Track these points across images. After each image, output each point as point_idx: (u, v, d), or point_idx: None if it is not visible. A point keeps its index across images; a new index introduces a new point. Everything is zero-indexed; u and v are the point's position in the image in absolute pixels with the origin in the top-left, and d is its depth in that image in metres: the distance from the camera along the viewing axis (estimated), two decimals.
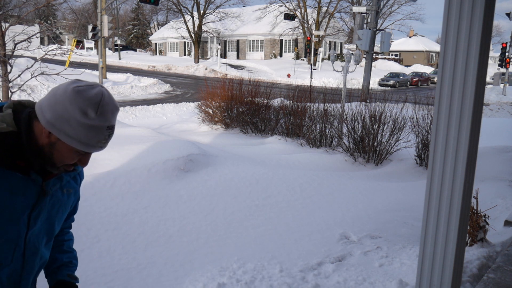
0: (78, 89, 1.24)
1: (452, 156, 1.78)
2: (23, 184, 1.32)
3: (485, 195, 4.56)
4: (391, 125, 8.16)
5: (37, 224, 1.40)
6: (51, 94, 1.28)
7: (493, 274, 3.20)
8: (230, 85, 11.77)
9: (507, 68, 28.32)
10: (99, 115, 1.25)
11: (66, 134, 1.25)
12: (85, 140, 1.26)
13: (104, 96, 1.27)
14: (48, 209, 1.42)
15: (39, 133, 1.29)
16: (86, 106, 1.23)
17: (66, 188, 1.48)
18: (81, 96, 1.24)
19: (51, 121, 1.25)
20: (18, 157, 1.30)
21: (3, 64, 7.19)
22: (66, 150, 1.29)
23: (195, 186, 5.57)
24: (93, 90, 1.26)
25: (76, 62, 19.42)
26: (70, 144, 1.27)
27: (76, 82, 1.29)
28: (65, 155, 1.30)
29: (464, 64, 1.69)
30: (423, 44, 61.56)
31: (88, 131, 1.25)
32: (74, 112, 1.23)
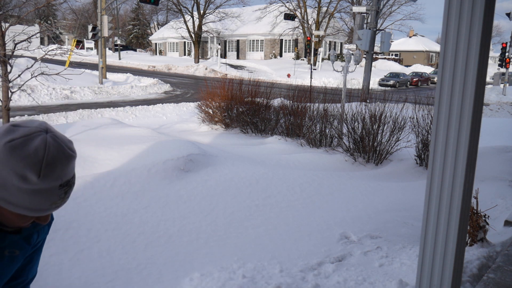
0: (11, 145, 0.95)
1: (452, 156, 1.78)
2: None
3: (485, 195, 4.56)
4: (391, 125, 8.16)
5: None
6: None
7: (493, 274, 3.20)
8: (230, 85, 11.77)
9: (507, 68, 28.32)
10: (44, 177, 0.97)
11: (6, 202, 0.99)
12: (33, 206, 1.00)
13: (49, 149, 0.97)
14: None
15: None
16: (24, 168, 0.95)
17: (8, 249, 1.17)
18: (16, 156, 0.95)
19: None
20: None
21: (3, 64, 7.20)
22: (14, 216, 1.04)
23: (195, 186, 5.57)
24: (32, 144, 0.96)
25: (76, 62, 19.43)
26: (16, 211, 1.01)
27: (10, 132, 0.97)
28: (14, 219, 1.05)
29: (464, 64, 1.69)
30: (423, 44, 61.57)
31: (33, 197, 0.98)
32: (10, 177, 0.96)
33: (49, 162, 0.97)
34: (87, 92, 18.44)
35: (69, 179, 1.03)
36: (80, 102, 17.05)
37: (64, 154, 1.00)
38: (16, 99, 14.35)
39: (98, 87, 19.42)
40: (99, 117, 13.50)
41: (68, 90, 17.60)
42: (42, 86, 16.51)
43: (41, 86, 16.45)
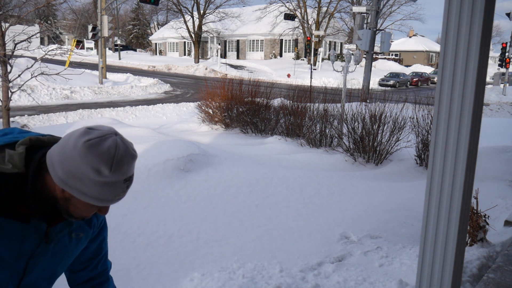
0: (89, 144, 1.12)
1: (452, 156, 1.78)
2: (21, 231, 1.22)
3: (485, 195, 4.56)
4: (391, 125, 8.16)
5: (34, 271, 1.31)
6: (61, 147, 1.16)
7: (493, 274, 3.20)
8: (230, 85, 11.77)
9: (507, 68, 28.31)
10: (114, 171, 1.14)
11: (80, 192, 1.16)
12: (101, 197, 1.17)
13: (119, 149, 1.15)
14: (50, 256, 1.32)
15: (52, 185, 1.19)
16: (99, 163, 1.12)
17: (75, 233, 1.37)
18: (93, 153, 1.12)
19: (62, 179, 1.14)
20: (18, 201, 1.20)
21: (3, 64, 7.20)
22: (83, 205, 1.20)
23: (195, 186, 5.57)
24: (106, 143, 1.14)
25: (76, 62, 19.43)
26: (86, 201, 1.17)
27: (87, 133, 1.15)
28: (82, 209, 1.21)
29: (464, 64, 1.69)
30: (423, 44, 61.56)
31: (103, 188, 1.15)
32: (87, 170, 1.12)
33: (118, 159, 1.15)
34: (87, 92, 18.45)
35: (131, 175, 1.22)
36: (80, 102, 17.06)
37: (129, 154, 1.18)
38: (16, 99, 14.35)
39: (98, 87, 19.42)
40: (99, 117, 13.50)
41: (68, 90, 17.60)
42: (42, 86, 16.52)
43: (41, 86, 16.45)
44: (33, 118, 12.42)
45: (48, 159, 1.17)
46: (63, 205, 1.20)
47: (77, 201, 1.19)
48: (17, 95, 14.18)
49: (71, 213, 1.22)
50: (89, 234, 1.44)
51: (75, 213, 1.22)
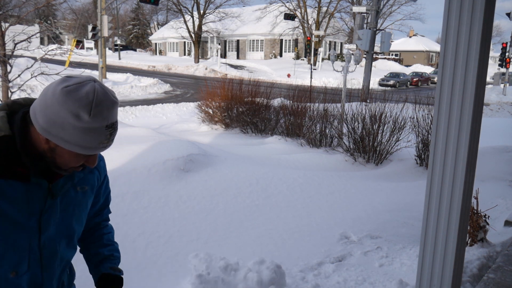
0: (67, 90, 1.14)
1: (452, 156, 1.78)
2: (25, 191, 1.25)
3: (485, 195, 4.56)
4: (391, 125, 8.16)
5: (49, 229, 1.34)
6: (41, 96, 1.18)
7: (493, 274, 3.20)
8: (230, 85, 11.77)
9: (507, 68, 28.31)
10: (93, 116, 1.15)
11: (63, 140, 1.17)
12: (85, 144, 1.17)
13: (97, 94, 1.16)
14: (61, 211, 1.35)
15: (36, 138, 1.21)
16: (77, 108, 1.13)
17: (80, 186, 1.40)
18: (71, 98, 1.13)
19: (45, 128, 1.16)
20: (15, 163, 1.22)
21: (3, 64, 7.19)
22: (68, 155, 1.22)
23: (195, 186, 5.57)
24: (84, 89, 1.15)
25: (76, 62, 19.39)
26: (70, 149, 1.18)
27: (65, 80, 1.17)
28: (68, 159, 1.23)
29: (464, 64, 1.69)
30: (423, 44, 61.55)
31: (85, 134, 1.16)
32: (66, 116, 1.13)
33: (97, 103, 1.15)
34: None
35: (113, 122, 1.20)
36: None
37: (109, 99, 1.18)
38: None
39: None
40: None
41: None
42: (42, 86, 16.48)
43: (41, 86, 16.42)
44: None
45: (31, 111, 1.19)
46: (50, 157, 1.22)
47: (62, 150, 1.20)
48: (17, 95, 14.16)
49: (59, 165, 1.24)
50: (94, 185, 1.48)
51: (63, 164, 1.24)
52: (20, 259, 1.29)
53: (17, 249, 1.27)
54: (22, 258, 1.29)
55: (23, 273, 1.30)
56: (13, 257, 1.27)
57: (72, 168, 1.27)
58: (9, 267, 1.27)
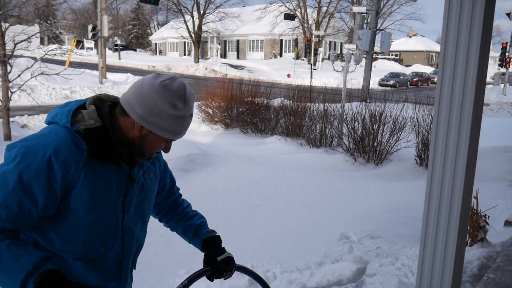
0: (164, 84, 1.33)
1: (452, 156, 1.78)
2: (115, 174, 1.41)
3: (485, 195, 4.56)
4: (391, 125, 8.16)
5: (130, 210, 1.50)
6: (137, 90, 1.35)
7: (493, 274, 3.20)
8: (230, 85, 11.76)
9: (507, 68, 28.31)
10: (185, 105, 1.36)
11: (158, 127, 1.35)
12: (175, 130, 1.37)
13: (186, 87, 1.38)
14: (137, 194, 1.51)
15: (128, 127, 1.38)
16: (175, 99, 1.34)
17: (147, 173, 1.56)
18: (168, 90, 1.33)
19: (143, 116, 1.33)
20: (109, 149, 1.39)
21: (3, 64, 7.19)
22: (157, 140, 1.40)
23: (195, 186, 5.57)
24: (176, 83, 1.36)
25: (76, 62, 19.41)
26: (162, 135, 1.37)
27: (158, 76, 1.37)
28: (155, 145, 1.41)
29: (464, 64, 1.69)
30: (423, 44, 61.53)
31: (177, 121, 1.36)
32: (164, 106, 1.33)
33: (188, 95, 1.38)
34: (87, 92, 18.43)
35: (192, 112, 1.42)
36: None
37: (192, 93, 1.42)
38: (16, 99, 14.33)
39: (98, 87, 19.42)
40: None
41: (68, 90, 17.60)
42: (42, 86, 16.51)
43: (41, 86, 16.44)
44: (33, 118, 12.42)
45: (125, 103, 1.36)
46: (138, 144, 1.40)
47: (153, 136, 1.38)
48: (17, 95, 14.16)
49: (144, 151, 1.42)
50: (157, 173, 1.65)
51: (148, 150, 1.42)
52: (108, 236, 1.44)
53: (107, 227, 1.43)
54: (110, 235, 1.45)
55: (109, 249, 1.46)
56: (103, 234, 1.43)
57: (153, 153, 1.45)
58: (100, 243, 1.43)
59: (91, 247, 1.41)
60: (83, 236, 1.38)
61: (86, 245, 1.40)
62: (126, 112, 1.36)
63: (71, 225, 1.36)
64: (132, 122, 1.37)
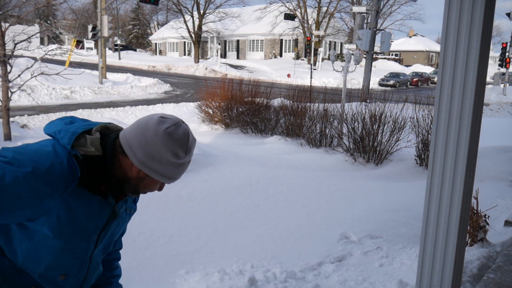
0: (168, 131, 1.31)
1: (452, 156, 1.78)
2: (100, 206, 1.37)
3: (485, 195, 4.56)
4: (391, 125, 8.16)
5: (101, 244, 1.48)
6: (139, 133, 1.32)
7: (493, 274, 3.20)
8: (230, 85, 11.77)
9: (507, 68, 28.31)
10: (187, 154, 1.36)
11: (156, 172, 1.33)
12: (172, 176, 1.36)
13: (189, 135, 1.36)
14: (113, 229, 1.50)
15: (126, 167, 1.36)
16: (177, 148, 1.32)
17: (129, 209, 1.56)
18: (172, 139, 1.31)
19: (143, 161, 1.31)
20: (101, 181, 1.35)
21: (3, 64, 7.19)
22: (153, 183, 1.39)
23: (195, 186, 5.57)
24: (180, 130, 1.34)
25: (76, 62, 19.42)
26: (159, 179, 1.36)
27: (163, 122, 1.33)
28: (150, 186, 1.40)
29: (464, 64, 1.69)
30: (423, 44, 61.53)
31: (176, 168, 1.35)
32: (167, 154, 1.31)
33: (190, 143, 1.36)
34: (87, 92, 18.43)
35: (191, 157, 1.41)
36: (80, 102, 17.04)
37: (194, 139, 1.40)
38: (16, 99, 14.34)
39: (98, 87, 19.41)
40: (99, 117, 13.49)
41: (68, 90, 17.60)
42: (42, 86, 16.51)
43: (41, 86, 16.45)
44: (33, 118, 12.42)
45: (125, 144, 1.33)
46: (134, 184, 1.38)
47: (150, 180, 1.37)
48: (17, 95, 14.17)
49: (139, 190, 1.41)
50: (134, 211, 1.62)
51: (143, 189, 1.41)
52: (73, 266, 1.42)
53: (75, 257, 1.40)
54: (75, 265, 1.42)
55: (70, 278, 1.43)
56: (69, 263, 1.40)
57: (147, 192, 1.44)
58: (63, 271, 1.40)
59: (53, 273, 1.38)
60: (47, 260, 1.35)
61: (48, 270, 1.37)
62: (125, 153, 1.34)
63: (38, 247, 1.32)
64: (131, 163, 1.34)
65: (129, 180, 1.37)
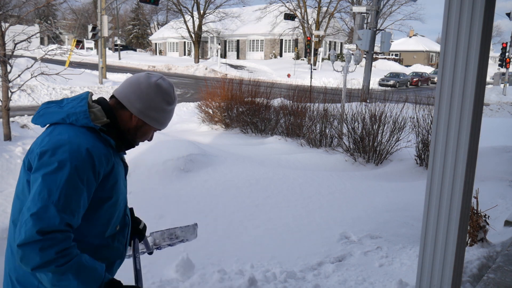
0: (158, 83, 1.58)
1: (452, 156, 1.78)
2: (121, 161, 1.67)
3: (485, 195, 4.56)
4: (391, 125, 8.16)
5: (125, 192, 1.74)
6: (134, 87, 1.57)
7: (493, 274, 3.20)
8: (230, 85, 11.76)
9: (507, 68, 28.31)
10: (174, 101, 1.64)
11: (152, 119, 1.59)
12: (164, 121, 1.64)
13: (173, 85, 1.66)
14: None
15: (125, 119, 1.59)
16: (167, 96, 1.60)
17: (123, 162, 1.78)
18: (162, 89, 1.58)
19: (142, 110, 1.57)
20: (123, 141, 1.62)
21: (3, 64, 7.19)
22: (149, 130, 1.65)
23: (195, 186, 5.57)
24: (166, 82, 1.62)
25: (76, 62, 19.41)
26: (154, 126, 1.63)
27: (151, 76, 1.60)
28: (146, 134, 1.66)
29: (464, 64, 1.69)
30: (423, 44, 61.52)
31: (167, 114, 1.63)
32: (160, 102, 1.58)
33: (175, 92, 1.66)
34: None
35: None
36: None
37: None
38: (16, 99, 14.33)
39: (98, 87, 19.41)
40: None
41: (68, 90, 17.59)
42: (42, 86, 16.50)
43: (41, 86, 16.43)
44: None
45: (123, 98, 1.57)
46: (132, 134, 1.62)
47: (146, 127, 1.62)
48: (17, 95, 14.16)
49: (137, 139, 1.65)
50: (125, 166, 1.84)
51: (140, 138, 1.66)
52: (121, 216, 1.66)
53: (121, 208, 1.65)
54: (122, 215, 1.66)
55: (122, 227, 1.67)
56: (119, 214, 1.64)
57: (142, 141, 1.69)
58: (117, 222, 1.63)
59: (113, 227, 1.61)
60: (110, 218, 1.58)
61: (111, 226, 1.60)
62: (123, 106, 1.57)
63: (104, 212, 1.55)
64: (129, 114, 1.58)
65: (128, 130, 1.61)
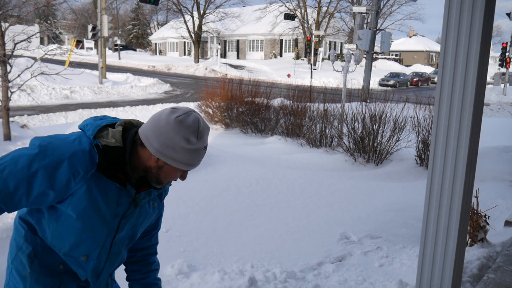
0: (179, 119, 1.42)
1: (452, 156, 1.78)
2: (119, 194, 1.49)
3: (485, 195, 4.56)
4: (391, 125, 8.16)
5: (124, 230, 1.59)
6: (153, 124, 1.44)
7: (493, 274, 3.20)
8: (230, 85, 11.76)
9: (508, 68, 28.31)
10: (199, 139, 1.44)
11: (173, 159, 1.44)
12: (189, 162, 1.46)
13: (200, 122, 1.45)
14: (136, 218, 1.61)
15: (145, 157, 1.48)
16: (189, 134, 1.42)
17: (152, 202, 1.66)
18: (183, 126, 1.41)
19: (159, 150, 1.43)
20: (119, 170, 1.48)
21: (2, 64, 7.19)
22: (172, 171, 1.49)
23: (195, 186, 5.57)
24: (190, 118, 1.44)
25: (76, 62, 19.41)
26: (176, 166, 1.46)
27: (174, 111, 1.44)
28: (171, 174, 1.50)
29: (464, 64, 1.69)
30: (423, 44, 61.51)
31: (191, 154, 1.44)
32: (179, 140, 1.41)
33: (201, 129, 1.45)
34: (87, 92, 18.43)
35: (207, 144, 1.50)
36: (80, 102, 17.03)
37: (206, 126, 1.48)
38: (16, 99, 14.33)
39: (98, 87, 19.41)
40: None
41: (67, 90, 17.59)
42: (42, 86, 16.50)
43: (41, 86, 16.43)
44: (32, 118, 12.42)
45: (142, 136, 1.45)
46: (155, 173, 1.49)
47: (168, 167, 1.47)
48: (16, 95, 14.16)
49: (160, 180, 1.52)
50: (160, 206, 1.77)
51: (164, 178, 1.51)
52: (94, 248, 1.54)
53: (95, 240, 1.52)
54: (96, 248, 1.54)
55: (91, 260, 1.56)
56: (90, 245, 1.53)
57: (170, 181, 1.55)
58: (84, 252, 1.53)
59: (75, 252, 1.53)
60: (71, 240, 1.50)
61: (71, 249, 1.52)
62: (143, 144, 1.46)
63: (63, 227, 1.48)
64: (149, 153, 1.46)
65: (150, 169, 1.49)
